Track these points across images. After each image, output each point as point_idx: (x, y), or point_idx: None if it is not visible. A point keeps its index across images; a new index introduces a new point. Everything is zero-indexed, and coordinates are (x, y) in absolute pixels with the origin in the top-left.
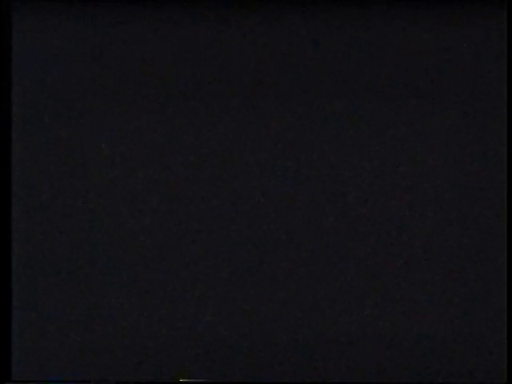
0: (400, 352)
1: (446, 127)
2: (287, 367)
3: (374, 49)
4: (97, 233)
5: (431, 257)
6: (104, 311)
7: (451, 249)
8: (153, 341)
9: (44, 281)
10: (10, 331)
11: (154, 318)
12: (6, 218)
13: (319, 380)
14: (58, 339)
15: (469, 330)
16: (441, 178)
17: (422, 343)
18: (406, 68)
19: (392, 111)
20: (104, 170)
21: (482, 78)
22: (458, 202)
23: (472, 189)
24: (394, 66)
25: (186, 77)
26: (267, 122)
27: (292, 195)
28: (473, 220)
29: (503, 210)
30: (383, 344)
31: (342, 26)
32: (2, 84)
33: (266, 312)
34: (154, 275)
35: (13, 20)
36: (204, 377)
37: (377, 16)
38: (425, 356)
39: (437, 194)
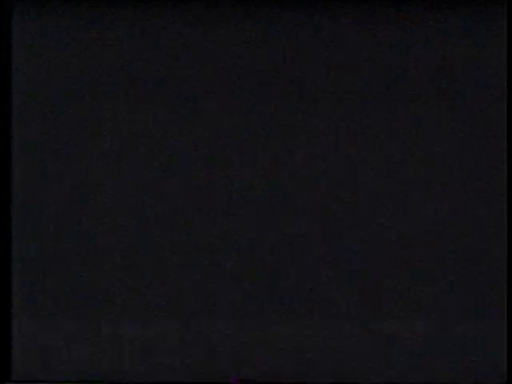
0: (400, 352)
1: (445, 127)
2: (286, 368)
3: (375, 49)
4: (97, 232)
5: (432, 258)
6: (104, 312)
7: (451, 250)
8: (153, 342)
9: (44, 281)
10: (10, 331)
11: (155, 319)
12: (6, 218)
13: (321, 380)
14: (58, 339)
15: (469, 330)
16: (440, 177)
17: (423, 343)
18: (406, 68)
19: (392, 111)
20: (103, 169)
21: (481, 78)
22: (458, 202)
23: (472, 189)
24: (394, 67)
25: (186, 77)
26: (267, 122)
27: (291, 194)
28: (473, 220)
29: (503, 210)
30: (383, 344)
31: (342, 26)
32: (2, 84)
33: (266, 314)
34: (155, 276)
35: (13, 20)
36: (205, 377)
37: (377, 17)
38: (425, 356)
39: (437, 193)
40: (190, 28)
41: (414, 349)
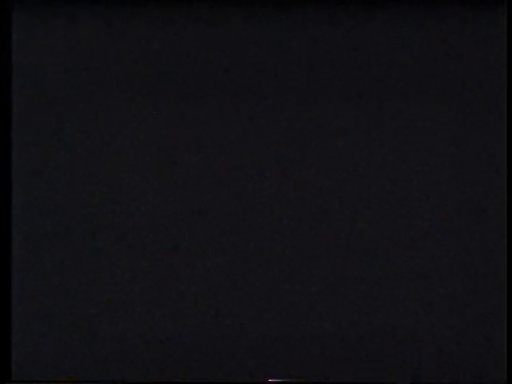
0: (400, 352)
1: (445, 127)
2: (286, 367)
3: (375, 50)
4: (97, 232)
5: (431, 257)
6: (104, 312)
7: (451, 249)
8: (153, 341)
9: (44, 281)
10: (9, 331)
11: (155, 319)
12: (6, 218)
13: (318, 380)
14: (58, 339)
15: (469, 330)
16: (440, 177)
17: (422, 343)
18: (406, 68)
19: (391, 112)
20: (102, 169)
21: (481, 78)
22: (457, 202)
23: (472, 189)
24: (394, 67)
25: (185, 77)
26: (267, 123)
27: (290, 195)
28: (473, 219)
29: (503, 209)
30: (383, 344)
31: (342, 27)
32: (2, 84)
33: (264, 312)
34: (155, 276)
35: (13, 20)
36: (204, 377)
37: (377, 17)
38: (425, 356)
39: (436, 193)
40: (193, 27)
41: (413, 348)
